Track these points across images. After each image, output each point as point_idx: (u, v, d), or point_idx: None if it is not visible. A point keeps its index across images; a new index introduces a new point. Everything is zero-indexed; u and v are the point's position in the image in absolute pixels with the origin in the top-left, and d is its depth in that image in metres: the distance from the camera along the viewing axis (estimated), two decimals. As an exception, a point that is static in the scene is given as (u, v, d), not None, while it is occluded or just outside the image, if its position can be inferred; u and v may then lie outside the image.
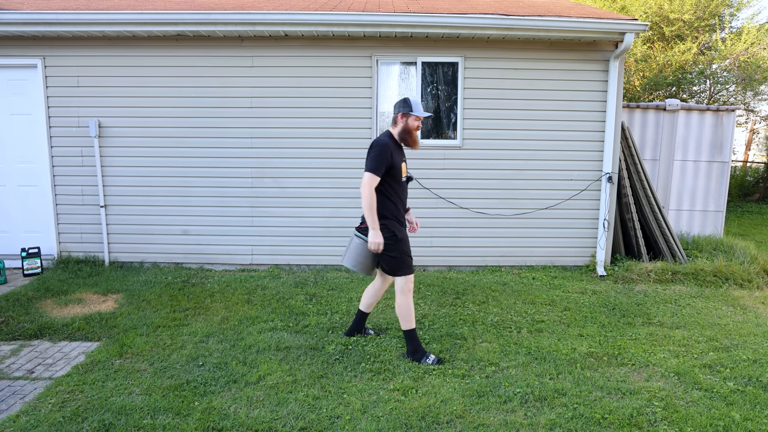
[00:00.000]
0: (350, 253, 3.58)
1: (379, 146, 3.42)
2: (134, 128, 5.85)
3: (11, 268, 5.82)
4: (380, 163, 3.38)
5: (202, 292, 5.07)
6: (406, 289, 3.55)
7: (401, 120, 3.55)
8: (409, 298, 3.56)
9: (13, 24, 5.36)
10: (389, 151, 3.43)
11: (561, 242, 6.11)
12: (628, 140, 6.37)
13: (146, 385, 3.20)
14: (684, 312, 4.68)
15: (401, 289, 3.54)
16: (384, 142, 3.46)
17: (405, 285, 3.54)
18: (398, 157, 3.52)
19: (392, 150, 3.46)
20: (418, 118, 3.54)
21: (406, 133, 3.55)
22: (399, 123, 3.56)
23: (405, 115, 3.53)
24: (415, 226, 3.87)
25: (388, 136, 3.55)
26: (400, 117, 3.54)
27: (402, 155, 3.61)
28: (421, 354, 3.57)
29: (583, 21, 5.40)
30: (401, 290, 3.54)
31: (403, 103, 3.54)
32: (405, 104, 3.53)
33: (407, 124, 3.54)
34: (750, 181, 13.55)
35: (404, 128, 3.55)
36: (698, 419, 2.85)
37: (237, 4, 5.90)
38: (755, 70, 11.02)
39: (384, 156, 3.39)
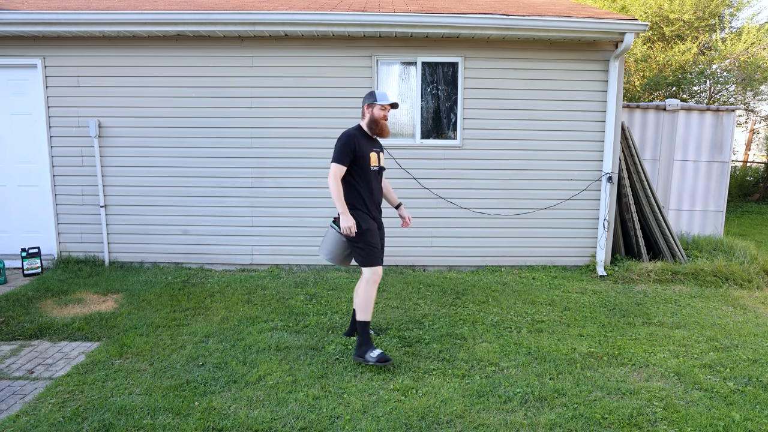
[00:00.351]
0: (325, 244, 3.65)
1: (345, 136, 3.53)
2: (134, 128, 5.85)
3: (11, 268, 5.82)
4: (344, 152, 3.48)
5: (202, 292, 5.07)
6: (372, 281, 3.57)
7: (367, 111, 3.65)
8: (372, 289, 3.57)
9: (13, 24, 5.36)
10: (355, 142, 3.51)
11: (561, 242, 6.11)
12: (628, 140, 6.37)
13: (146, 385, 3.20)
14: (684, 312, 4.68)
15: (366, 280, 3.58)
16: (350, 132, 3.56)
17: (371, 276, 3.57)
18: (366, 147, 3.59)
19: (359, 140, 3.54)
20: (383, 107, 3.62)
21: (374, 123, 3.64)
22: (366, 114, 3.66)
23: (370, 106, 3.63)
24: (407, 221, 3.93)
25: (356, 128, 3.65)
26: (366, 108, 3.66)
27: (372, 145, 3.68)
28: (366, 348, 3.53)
29: (583, 21, 5.40)
30: (366, 280, 3.58)
31: (368, 95, 3.65)
32: (370, 96, 3.64)
33: (373, 114, 3.63)
34: (750, 181, 13.55)
35: (371, 118, 3.64)
36: (698, 419, 2.85)
37: (237, 4, 5.90)
38: (755, 70, 11.02)
39: (348, 146, 3.49)
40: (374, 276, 3.57)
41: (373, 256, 3.59)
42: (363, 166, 3.58)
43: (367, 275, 3.58)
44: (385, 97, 3.63)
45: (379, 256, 3.64)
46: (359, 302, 3.57)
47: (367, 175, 3.60)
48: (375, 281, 3.58)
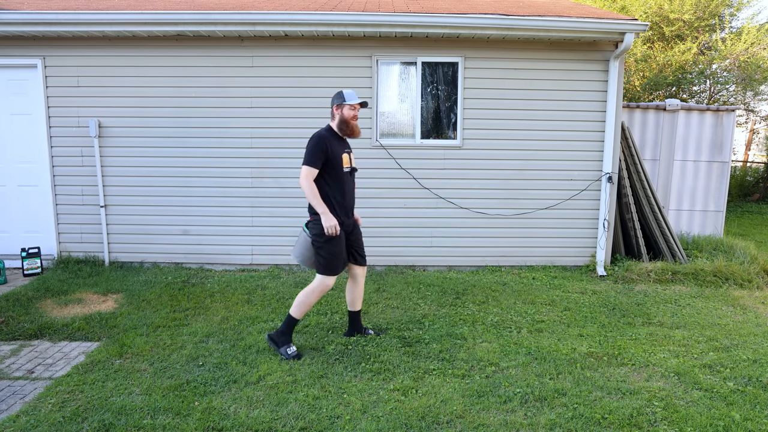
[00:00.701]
0: (297, 248, 3.64)
1: (315, 138, 3.50)
2: (134, 128, 5.85)
3: (11, 268, 5.82)
4: (315, 154, 3.44)
5: (202, 292, 5.07)
6: (319, 290, 3.57)
7: (337, 112, 3.62)
8: (316, 297, 3.58)
9: (13, 24, 5.36)
10: (325, 143, 3.48)
11: (561, 242, 6.11)
12: (628, 140, 6.37)
13: (146, 385, 3.20)
14: (684, 312, 4.68)
15: (315, 286, 3.57)
16: (321, 134, 3.53)
17: (321, 284, 3.56)
18: (338, 148, 3.57)
19: (330, 141, 3.51)
20: (352, 106, 3.59)
21: (344, 124, 3.61)
22: (336, 115, 3.63)
23: (339, 107, 3.60)
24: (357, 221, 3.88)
25: (326, 129, 3.62)
26: (335, 109, 3.62)
27: (344, 146, 3.66)
28: (283, 342, 3.58)
29: (583, 21, 5.40)
30: (314, 287, 3.57)
31: (337, 95, 3.62)
32: (338, 96, 3.61)
33: (343, 114, 3.60)
34: (750, 181, 13.55)
35: (341, 119, 3.61)
36: (698, 419, 2.85)
37: (237, 4, 5.90)
38: (755, 70, 11.02)
39: (319, 147, 3.46)
40: (323, 286, 3.57)
41: (332, 266, 3.56)
42: (335, 168, 3.54)
43: (316, 283, 3.57)
44: (354, 97, 3.60)
45: (338, 266, 3.60)
46: (298, 300, 3.59)
47: (339, 177, 3.57)
48: (322, 291, 3.59)
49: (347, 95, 3.59)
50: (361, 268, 3.89)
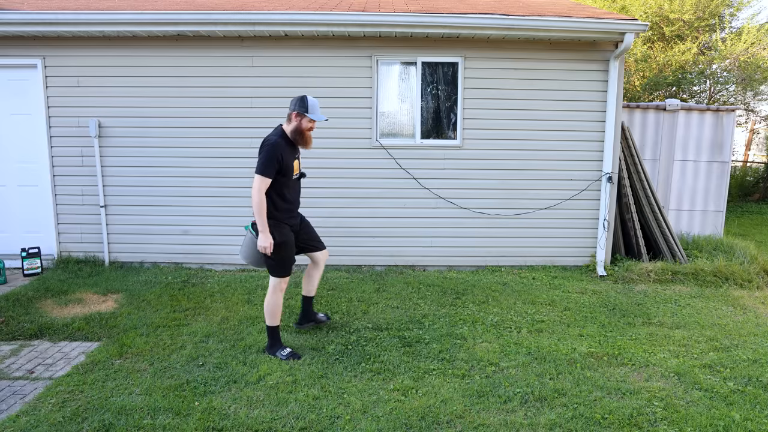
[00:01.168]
0: (244, 248, 3.63)
1: (269, 146, 3.38)
2: (134, 128, 5.85)
3: (11, 268, 5.82)
4: (270, 164, 3.36)
5: (202, 292, 5.07)
6: (278, 289, 3.60)
7: (295, 119, 3.51)
8: (278, 297, 3.60)
9: (13, 24, 5.36)
10: (280, 150, 3.40)
11: (561, 242, 6.11)
12: (628, 140, 6.37)
13: (146, 385, 3.20)
14: (684, 312, 4.68)
15: (273, 288, 3.59)
16: (274, 141, 3.41)
17: (278, 285, 3.59)
18: (290, 155, 3.49)
19: (283, 149, 3.44)
20: (312, 120, 3.51)
21: (298, 133, 3.52)
22: (293, 121, 3.53)
23: (299, 115, 3.50)
24: None
25: (279, 135, 3.50)
26: (294, 116, 3.51)
27: (294, 153, 3.59)
28: (277, 348, 3.65)
29: (583, 21, 5.40)
30: (273, 288, 3.59)
31: (299, 102, 3.48)
32: (302, 104, 3.47)
33: (300, 124, 3.51)
34: (750, 181, 13.55)
35: (297, 128, 3.51)
36: (698, 419, 2.85)
37: (237, 4, 5.90)
38: (755, 70, 11.02)
39: (274, 156, 3.37)
40: (281, 284, 3.60)
41: (284, 268, 3.59)
42: (287, 176, 3.51)
43: (273, 284, 3.60)
44: (317, 111, 3.51)
45: (290, 267, 3.63)
46: (267, 310, 3.61)
47: (288, 185, 3.54)
48: (282, 289, 3.62)
49: (311, 107, 3.48)
50: (322, 252, 3.93)
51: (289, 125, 3.54)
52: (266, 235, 3.41)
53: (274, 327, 3.65)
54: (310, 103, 3.49)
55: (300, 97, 3.49)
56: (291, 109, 3.52)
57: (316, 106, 3.52)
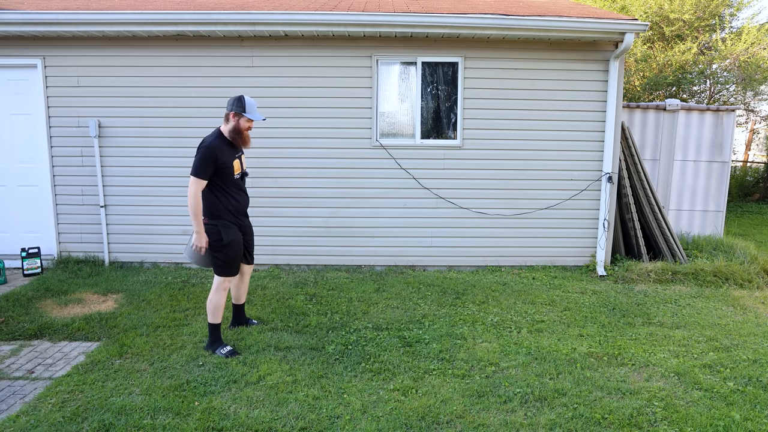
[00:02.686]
0: (188, 249, 3.65)
1: (204, 148, 3.43)
2: (134, 128, 5.85)
3: (11, 268, 5.82)
4: (204, 166, 3.41)
5: (202, 292, 5.07)
6: (221, 288, 3.64)
7: (233, 119, 3.55)
8: (221, 296, 3.64)
9: (13, 24, 5.36)
10: (215, 152, 3.44)
11: (561, 242, 6.11)
12: (628, 140, 6.37)
13: (146, 385, 3.20)
14: (684, 312, 4.68)
15: (216, 286, 3.64)
16: (211, 144, 3.45)
17: (221, 284, 3.64)
18: (228, 155, 3.54)
19: (219, 150, 3.47)
20: (250, 120, 3.55)
21: (236, 133, 3.56)
22: (230, 121, 3.56)
23: (237, 115, 3.53)
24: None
25: (216, 136, 3.53)
26: (232, 116, 3.54)
27: (235, 152, 3.62)
28: (217, 345, 3.67)
29: (583, 21, 5.40)
30: (216, 287, 3.64)
31: (237, 102, 3.51)
32: (239, 104, 3.50)
33: (238, 124, 3.55)
34: (750, 181, 13.54)
35: (235, 127, 3.56)
36: (698, 419, 2.85)
37: (237, 4, 5.90)
38: (755, 70, 11.02)
39: (209, 158, 3.41)
40: (224, 283, 3.65)
41: (230, 268, 3.63)
42: (227, 176, 3.54)
43: (217, 282, 3.64)
44: (254, 111, 3.56)
45: (235, 268, 3.67)
46: (209, 308, 3.65)
47: (231, 184, 3.58)
48: (225, 288, 3.66)
49: (248, 107, 3.51)
50: (249, 267, 4.02)
51: (227, 125, 3.58)
52: (201, 236, 3.48)
53: (216, 325, 3.68)
54: (248, 103, 3.52)
55: (237, 97, 3.52)
56: (228, 109, 3.55)
57: (253, 105, 3.56)
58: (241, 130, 3.56)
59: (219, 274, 3.63)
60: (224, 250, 3.56)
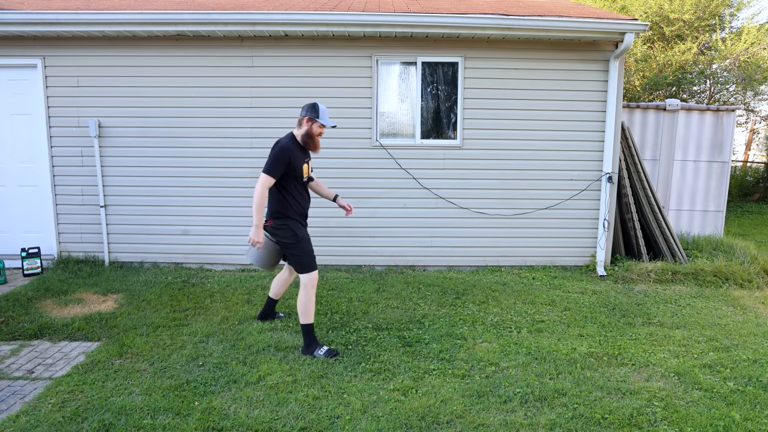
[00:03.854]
0: (253, 250, 3.72)
1: (278, 149, 3.55)
2: (134, 128, 5.85)
3: (11, 268, 5.82)
4: (276, 165, 3.51)
5: (202, 292, 5.07)
6: (309, 286, 3.68)
7: (306, 123, 3.66)
8: (310, 294, 3.68)
9: (13, 24, 5.36)
10: (288, 154, 3.55)
11: (561, 242, 6.11)
12: (628, 140, 6.37)
13: (146, 385, 3.20)
14: (684, 312, 4.68)
15: (304, 285, 3.68)
16: (285, 145, 3.57)
17: (309, 281, 3.68)
18: (299, 158, 3.65)
19: (292, 152, 3.58)
20: (322, 126, 3.66)
21: (309, 137, 3.68)
22: (303, 126, 3.67)
23: (310, 120, 3.64)
24: (349, 209, 4.05)
25: (290, 139, 3.66)
26: (305, 120, 3.65)
27: (304, 156, 3.74)
28: (314, 347, 3.69)
29: (583, 21, 5.40)
30: (304, 285, 3.68)
31: (311, 108, 3.64)
32: (312, 110, 3.64)
33: (311, 129, 3.66)
34: (750, 181, 13.54)
35: (307, 132, 3.66)
36: (698, 419, 2.85)
37: (237, 4, 5.90)
38: (755, 70, 11.02)
39: (281, 159, 3.52)
40: (311, 281, 3.68)
41: (309, 262, 3.69)
42: (296, 178, 3.65)
43: (304, 280, 3.68)
44: (327, 118, 3.67)
45: (313, 260, 3.73)
46: (300, 308, 3.68)
47: (299, 187, 3.69)
48: (313, 285, 3.69)
49: (321, 113, 3.63)
50: None
51: (299, 130, 3.68)
52: (259, 230, 3.53)
53: (309, 324, 3.69)
54: (321, 110, 3.65)
55: (312, 104, 3.65)
56: (302, 114, 3.66)
57: (326, 112, 3.68)
58: (313, 135, 3.67)
59: (302, 271, 3.68)
60: (300, 245, 3.66)
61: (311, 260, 3.70)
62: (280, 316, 4.38)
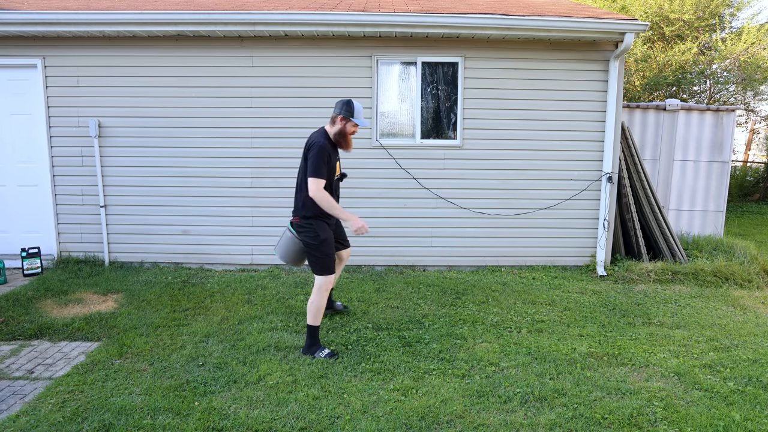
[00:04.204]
0: (281, 247, 3.76)
1: (319, 148, 3.50)
2: (134, 128, 5.85)
3: (11, 268, 5.82)
4: (321, 165, 3.49)
5: (202, 292, 5.07)
6: (323, 288, 3.66)
7: (340, 122, 3.61)
8: (323, 296, 3.65)
9: (13, 24, 5.36)
10: (327, 152, 3.53)
11: (561, 242, 6.11)
12: (628, 140, 6.37)
13: (146, 385, 3.20)
14: (684, 312, 4.68)
15: (318, 287, 3.65)
16: (322, 144, 3.53)
17: (323, 284, 3.66)
18: (333, 157, 3.63)
19: (329, 152, 3.55)
20: (356, 125, 3.63)
21: (342, 136, 3.64)
22: (337, 124, 3.62)
23: (345, 119, 3.60)
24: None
25: (323, 136, 3.60)
26: (339, 119, 3.61)
27: (336, 154, 3.70)
28: (316, 348, 3.67)
29: (583, 21, 5.40)
30: (318, 288, 3.65)
31: (346, 106, 3.60)
32: (347, 108, 3.60)
33: (345, 128, 3.62)
34: (750, 181, 13.54)
35: (341, 130, 3.63)
36: (698, 419, 2.85)
37: (237, 4, 5.90)
38: (755, 70, 11.02)
39: (323, 157, 3.50)
40: (326, 284, 3.66)
41: (327, 265, 3.67)
42: (330, 176, 3.62)
43: (319, 282, 3.65)
44: (361, 118, 3.65)
45: (333, 265, 3.70)
46: (310, 309, 3.65)
47: (330, 184, 3.64)
48: (327, 288, 3.67)
49: (357, 112, 3.61)
50: (346, 250, 4.20)
51: (332, 127, 3.65)
52: (353, 220, 3.52)
53: (316, 327, 3.67)
54: (356, 109, 3.62)
55: (346, 101, 3.61)
56: (336, 112, 3.62)
57: (361, 111, 3.65)
58: (346, 134, 3.63)
59: (319, 273, 3.64)
60: (321, 247, 3.62)
61: (330, 263, 3.66)
62: (338, 306, 4.42)
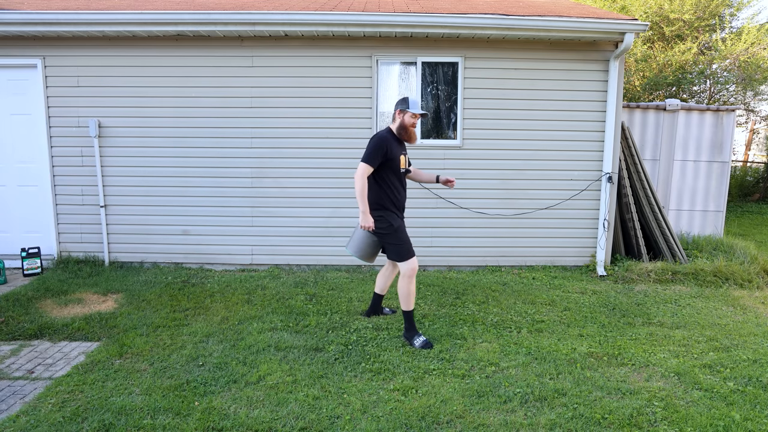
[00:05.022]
0: (354, 241, 3.87)
1: (377, 139, 3.74)
2: (134, 128, 5.85)
3: (11, 268, 5.82)
4: (375, 154, 3.68)
5: (202, 292, 5.07)
6: (408, 275, 3.83)
7: (399, 116, 3.83)
8: (410, 282, 3.81)
9: (13, 24, 5.36)
10: (386, 144, 3.71)
11: (561, 242, 6.11)
12: (628, 140, 6.37)
13: (146, 385, 3.20)
14: (684, 312, 4.68)
15: (403, 273, 3.82)
16: (382, 135, 3.78)
17: (407, 270, 3.82)
18: (396, 150, 3.81)
19: (389, 143, 3.72)
20: (414, 115, 3.80)
21: (403, 129, 3.85)
22: (397, 119, 3.85)
23: (402, 112, 3.81)
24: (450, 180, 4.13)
25: (387, 131, 3.86)
26: (398, 113, 3.85)
27: (401, 148, 3.89)
28: (413, 333, 3.87)
29: (583, 21, 5.40)
30: (403, 274, 3.82)
31: (401, 101, 3.85)
32: (403, 102, 3.84)
33: (404, 120, 3.82)
34: (750, 181, 13.54)
35: (401, 124, 3.84)
36: (698, 419, 2.85)
37: (237, 4, 5.90)
38: (755, 70, 11.02)
39: (380, 148, 3.69)
40: (410, 270, 3.82)
41: (406, 251, 3.82)
42: (393, 168, 3.79)
43: (403, 269, 3.81)
44: (417, 106, 3.82)
45: (411, 249, 3.84)
46: (401, 294, 3.86)
47: (396, 177, 3.83)
48: (411, 275, 3.81)
49: (411, 103, 3.80)
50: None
51: (394, 123, 3.89)
52: (367, 216, 3.68)
53: (409, 312, 3.85)
54: (411, 101, 3.82)
55: (402, 98, 3.84)
56: (395, 109, 3.87)
57: (416, 103, 3.84)
58: (407, 126, 3.82)
59: (400, 260, 3.79)
60: (397, 234, 3.79)
61: (408, 248, 3.80)
62: (387, 311, 4.48)
